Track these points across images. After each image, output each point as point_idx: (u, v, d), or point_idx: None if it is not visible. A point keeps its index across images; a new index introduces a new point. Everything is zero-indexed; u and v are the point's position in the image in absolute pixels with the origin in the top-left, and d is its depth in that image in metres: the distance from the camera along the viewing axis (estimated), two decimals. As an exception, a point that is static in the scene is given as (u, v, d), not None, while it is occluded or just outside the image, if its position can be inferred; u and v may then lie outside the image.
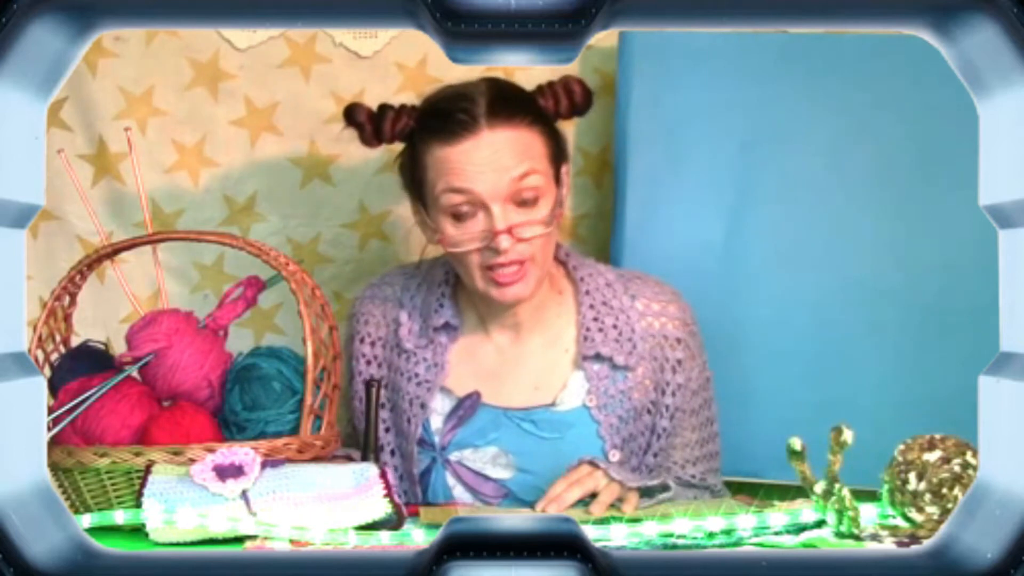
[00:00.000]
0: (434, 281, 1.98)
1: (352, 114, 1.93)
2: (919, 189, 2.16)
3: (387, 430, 1.96)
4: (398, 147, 2.02)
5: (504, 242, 1.81)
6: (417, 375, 1.94)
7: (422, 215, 1.91)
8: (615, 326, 1.93)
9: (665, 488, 1.81)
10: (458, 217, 1.84)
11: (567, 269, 1.98)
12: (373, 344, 1.99)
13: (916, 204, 2.16)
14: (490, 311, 1.94)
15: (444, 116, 1.85)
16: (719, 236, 2.21)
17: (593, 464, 1.79)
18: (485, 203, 1.82)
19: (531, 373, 1.95)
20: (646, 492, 1.80)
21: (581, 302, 1.95)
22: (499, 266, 1.83)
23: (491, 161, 1.82)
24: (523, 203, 1.83)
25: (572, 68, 2.24)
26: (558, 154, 1.90)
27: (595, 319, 1.93)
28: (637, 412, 1.92)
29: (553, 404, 1.92)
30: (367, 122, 1.92)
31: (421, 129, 1.88)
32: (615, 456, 1.89)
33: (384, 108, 1.92)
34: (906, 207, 2.16)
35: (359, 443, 1.80)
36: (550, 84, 1.91)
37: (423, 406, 1.93)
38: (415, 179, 1.90)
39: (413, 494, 1.93)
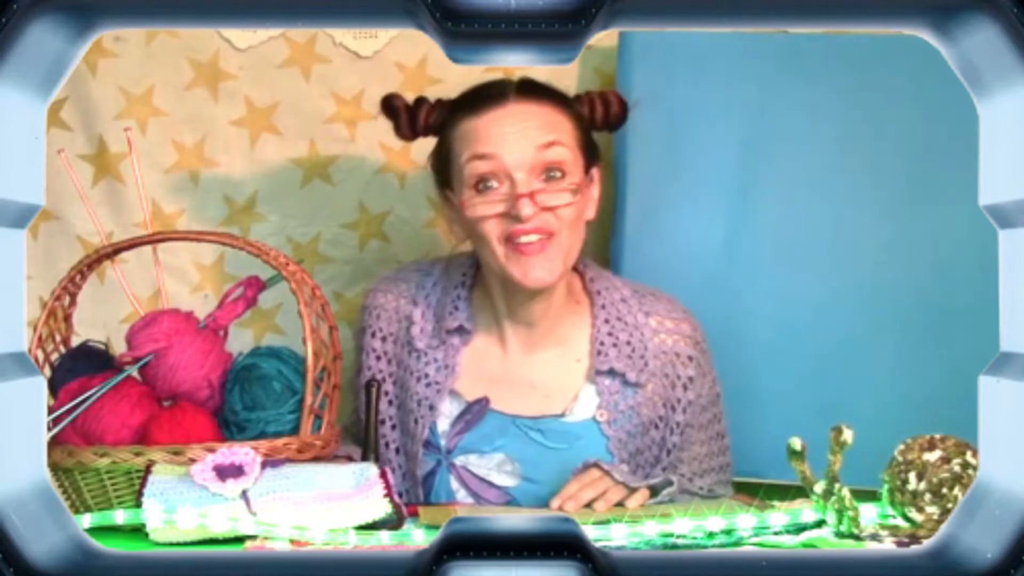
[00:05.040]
0: (451, 282, 1.97)
1: (389, 104, 1.94)
2: (919, 189, 2.16)
3: (393, 427, 1.95)
4: (397, 147, 2.03)
5: (526, 207, 1.80)
6: (427, 376, 1.93)
7: (450, 204, 1.90)
8: (628, 342, 1.92)
9: (668, 483, 1.82)
10: (482, 189, 1.83)
11: (584, 281, 1.97)
12: (384, 340, 1.98)
13: (916, 204, 2.16)
14: (508, 309, 1.93)
15: (474, 94, 1.88)
16: (719, 236, 2.20)
17: (599, 467, 1.79)
18: (509, 172, 1.81)
19: (542, 382, 1.94)
20: (651, 491, 1.80)
21: (596, 316, 1.94)
22: (521, 234, 1.81)
23: (517, 129, 1.83)
24: (549, 177, 1.83)
25: (572, 68, 2.24)
26: (588, 149, 1.90)
27: (609, 334, 1.93)
28: (645, 427, 1.92)
29: (562, 415, 1.92)
30: (403, 111, 1.92)
31: (452, 112, 1.89)
32: (623, 469, 1.88)
33: (420, 100, 1.93)
34: (906, 207, 2.16)
35: (363, 437, 1.80)
36: (588, 93, 1.93)
37: (431, 408, 1.92)
38: (443, 163, 1.90)
39: (415, 495, 1.93)
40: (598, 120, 1.92)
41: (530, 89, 1.87)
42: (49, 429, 1.60)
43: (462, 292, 1.96)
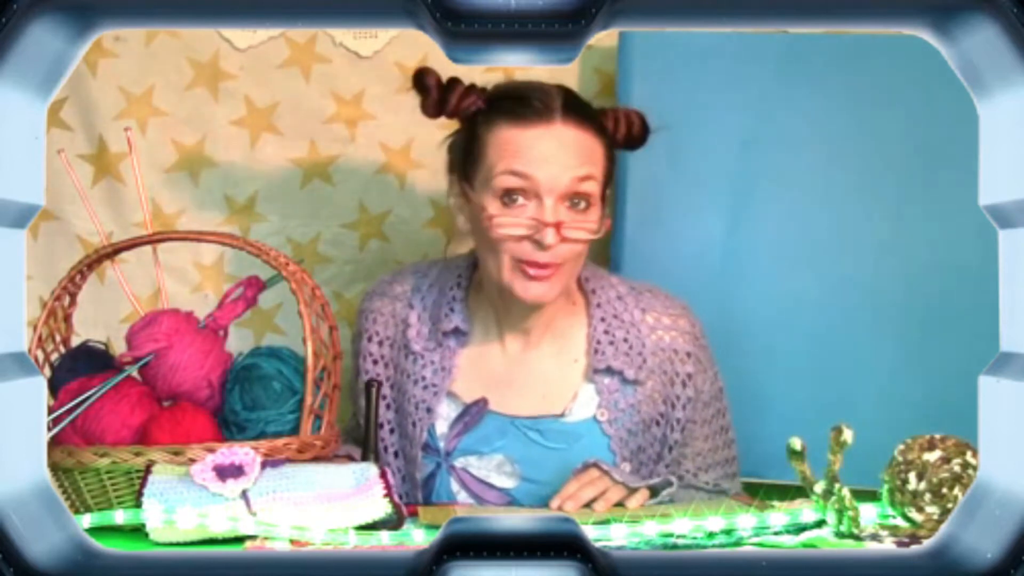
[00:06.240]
0: (446, 284, 1.97)
1: (421, 78, 1.89)
2: (919, 189, 2.16)
3: (391, 431, 1.95)
4: (396, 147, 2.03)
5: (550, 237, 1.79)
6: (424, 378, 1.93)
7: (465, 196, 1.88)
8: (626, 340, 1.92)
9: (668, 484, 1.81)
10: (508, 202, 1.82)
11: (579, 280, 1.97)
12: (381, 343, 1.98)
13: (916, 204, 2.16)
14: (505, 314, 1.92)
15: (519, 99, 1.84)
16: (719, 236, 2.21)
17: (599, 467, 1.79)
18: (540, 193, 1.80)
19: (540, 382, 1.93)
20: (651, 491, 1.80)
21: (592, 315, 1.94)
22: (535, 263, 1.81)
23: (557, 154, 1.80)
24: (575, 206, 1.81)
25: (572, 68, 2.24)
26: (611, 174, 1.89)
27: (606, 332, 1.92)
28: (645, 425, 1.91)
29: (562, 415, 1.91)
30: (435, 88, 1.88)
31: (491, 109, 1.85)
32: (625, 468, 1.88)
33: (454, 81, 1.88)
34: (906, 207, 2.16)
35: (363, 438, 1.80)
36: (613, 109, 1.89)
37: (429, 411, 1.92)
38: (468, 158, 1.87)
39: (415, 498, 1.92)
40: (619, 138, 1.89)
41: (574, 108, 1.83)
42: (49, 429, 1.60)
43: (458, 294, 1.95)
